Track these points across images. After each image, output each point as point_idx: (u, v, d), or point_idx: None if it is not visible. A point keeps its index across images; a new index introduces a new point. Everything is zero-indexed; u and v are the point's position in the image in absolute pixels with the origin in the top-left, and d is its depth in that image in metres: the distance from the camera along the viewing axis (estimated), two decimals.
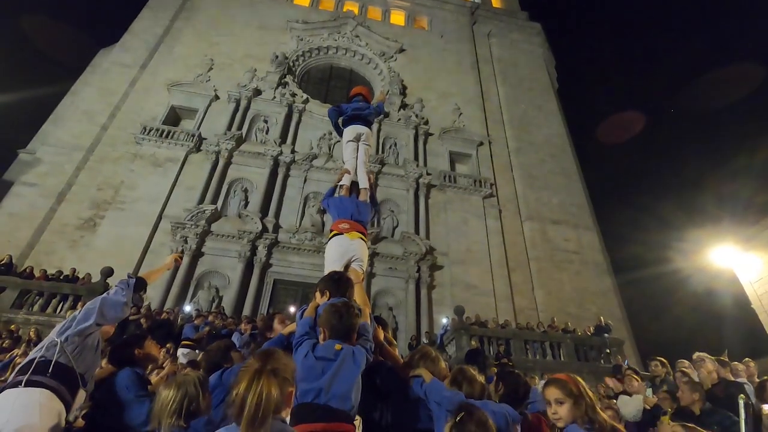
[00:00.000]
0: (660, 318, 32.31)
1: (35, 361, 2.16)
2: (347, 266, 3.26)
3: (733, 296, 16.10)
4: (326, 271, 3.24)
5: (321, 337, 2.26)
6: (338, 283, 2.67)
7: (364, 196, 3.99)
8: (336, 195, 4.04)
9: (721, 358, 5.28)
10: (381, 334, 2.74)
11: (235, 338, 8.21)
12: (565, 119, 29.74)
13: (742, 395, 2.56)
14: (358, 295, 2.75)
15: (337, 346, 2.11)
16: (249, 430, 1.30)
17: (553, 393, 2.08)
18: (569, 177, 25.60)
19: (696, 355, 4.38)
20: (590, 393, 2.08)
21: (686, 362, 4.37)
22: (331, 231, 3.61)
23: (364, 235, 3.51)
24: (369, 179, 4.20)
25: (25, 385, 2.02)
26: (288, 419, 1.59)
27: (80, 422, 2.70)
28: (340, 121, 4.62)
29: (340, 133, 4.62)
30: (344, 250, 3.33)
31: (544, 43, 34.54)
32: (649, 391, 4.47)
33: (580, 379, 2.13)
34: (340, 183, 4.06)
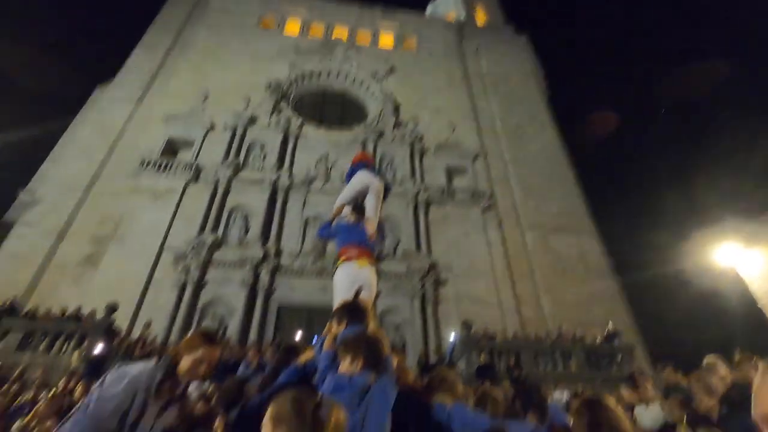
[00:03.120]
0: (667, 319, 32.04)
1: None
2: (357, 294, 3.28)
3: (738, 294, 16.04)
4: (336, 300, 3.27)
5: (348, 366, 2.21)
6: (354, 312, 2.70)
7: (370, 227, 3.93)
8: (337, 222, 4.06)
9: (735, 358, 5.22)
10: (395, 362, 2.76)
11: (243, 368, 8.11)
12: (558, 127, 30.10)
13: None
14: (372, 323, 2.77)
15: (371, 378, 2.11)
16: None
17: None
18: (566, 184, 25.76)
19: (707, 360, 4.35)
20: None
21: (712, 361, 4.32)
22: (339, 257, 3.63)
23: (372, 262, 3.54)
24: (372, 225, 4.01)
25: None
26: None
27: None
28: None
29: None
30: (354, 278, 3.35)
31: (531, 54, 35.25)
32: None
33: None
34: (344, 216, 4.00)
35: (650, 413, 4.44)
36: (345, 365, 2.22)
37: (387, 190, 4.31)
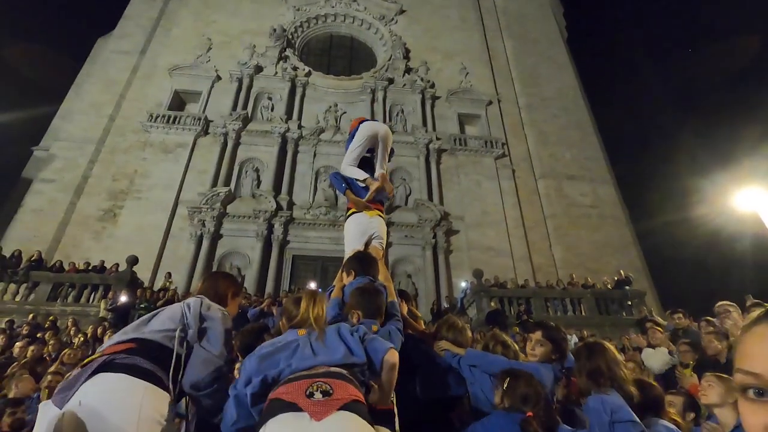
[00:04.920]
0: (683, 267, 32.01)
1: None
2: (367, 244, 3.29)
3: (758, 240, 15.79)
4: (347, 250, 3.28)
5: (353, 319, 2.26)
6: (362, 262, 2.72)
7: (388, 186, 3.72)
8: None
9: (747, 304, 5.20)
10: (405, 308, 2.79)
11: (250, 314, 8.66)
12: (577, 70, 28.61)
13: None
14: (381, 272, 2.79)
15: (374, 327, 2.15)
16: (318, 331, 1.78)
17: None
18: (583, 130, 24.90)
19: (719, 304, 4.32)
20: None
21: (723, 306, 4.29)
22: (349, 209, 3.62)
23: (382, 212, 3.52)
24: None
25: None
26: None
27: None
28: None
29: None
30: (364, 228, 3.35)
31: None
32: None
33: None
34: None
35: (657, 356, 4.51)
36: (350, 318, 2.26)
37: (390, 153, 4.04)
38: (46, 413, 1.55)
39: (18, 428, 2.93)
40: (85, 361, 1.71)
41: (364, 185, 3.56)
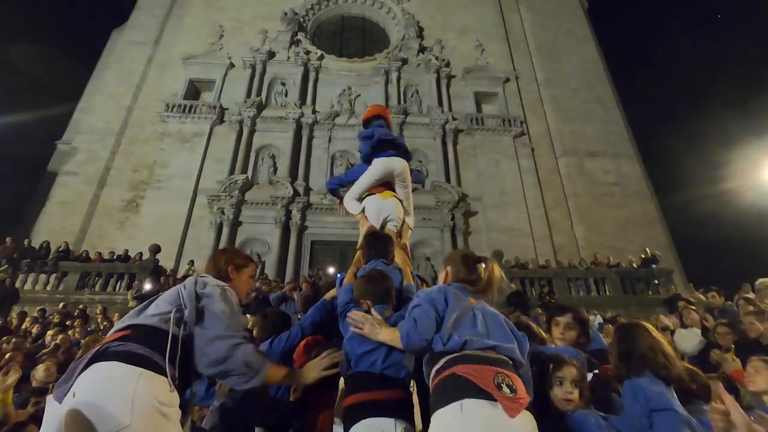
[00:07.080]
0: (711, 244, 30.92)
1: None
2: (383, 227, 3.19)
3: None
4: (361, 233, 3.18)
5: (364, 308, 2.18)
6: (375, 244, 2.63)
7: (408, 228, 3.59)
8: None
9: None
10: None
11: (272, 298, 8.66)
12: (598, 42, 27.43)
13: None
14: (398, 255, 2.68)
15: (387, 313, 2.06)
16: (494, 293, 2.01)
17: None
18: (605, 104, 23.99)
19: (759, 281, 4.07)
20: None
21: (749, 287, 4.04)
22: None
23: (397, 194, 3.39)
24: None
25: None
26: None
27: None
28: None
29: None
30: (378, 211, 3.24)
31: None
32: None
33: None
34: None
35: (690, 337, 4.31)
36: (362, 306, 2.19)
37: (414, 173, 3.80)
38: (49, 409, 1.51)
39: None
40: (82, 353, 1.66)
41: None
